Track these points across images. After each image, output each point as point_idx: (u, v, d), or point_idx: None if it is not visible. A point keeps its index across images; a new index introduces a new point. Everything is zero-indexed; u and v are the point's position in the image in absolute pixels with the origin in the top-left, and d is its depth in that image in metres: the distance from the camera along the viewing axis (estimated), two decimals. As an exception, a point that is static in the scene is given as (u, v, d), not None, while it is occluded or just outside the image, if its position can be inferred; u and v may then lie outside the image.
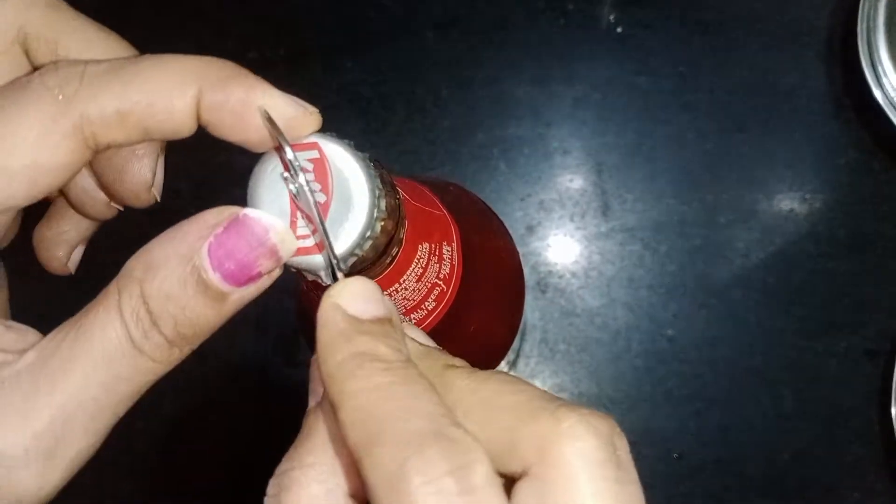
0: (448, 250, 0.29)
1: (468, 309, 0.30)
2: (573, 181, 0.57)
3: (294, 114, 0.22)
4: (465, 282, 0.30)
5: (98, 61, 0.21)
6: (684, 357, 0.56)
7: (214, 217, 0.21)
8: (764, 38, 0.58)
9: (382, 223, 0.22)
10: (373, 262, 0.24)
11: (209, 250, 0.20)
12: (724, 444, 0.56)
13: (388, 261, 0.25)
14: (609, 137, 0.57)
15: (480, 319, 0.32)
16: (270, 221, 0.21)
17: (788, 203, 0.57)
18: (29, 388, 0.19)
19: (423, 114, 0.58)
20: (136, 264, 0.20)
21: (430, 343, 0.23)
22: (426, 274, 0.27)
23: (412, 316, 0.28)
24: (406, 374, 0.19)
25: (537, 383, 0.55)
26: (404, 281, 0.26)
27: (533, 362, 0.56)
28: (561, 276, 0.57)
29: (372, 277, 0.25)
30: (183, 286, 0.20)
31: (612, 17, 0.58)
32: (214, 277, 0.20)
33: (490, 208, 0.38)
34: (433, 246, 0.28)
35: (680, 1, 0.58)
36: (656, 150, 0.57)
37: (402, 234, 0.25)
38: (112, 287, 0.20)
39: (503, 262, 0.35)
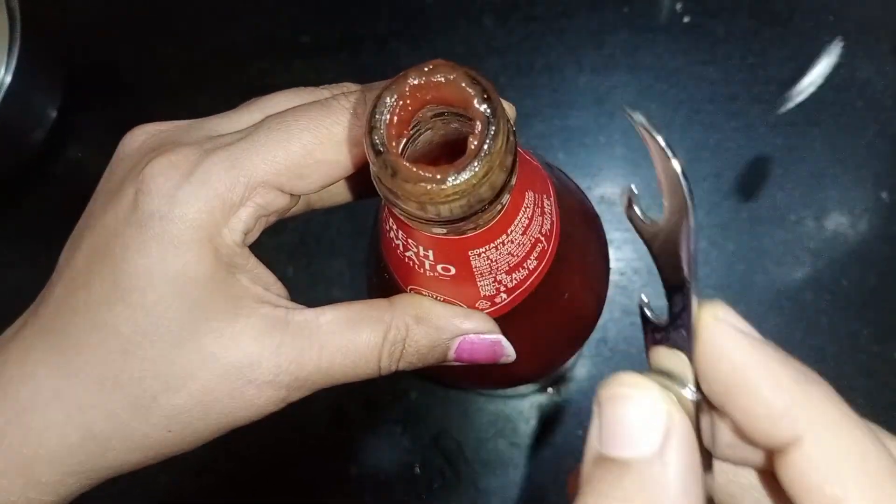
0: (548, 204, 0.26)
1: (565, 272, 0.28)
2: (636, 175, 0.55)
3: None
4: (562, 241, 0.27)
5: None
6: (752, 361, 0.53)
7: (483, 325, 0.27)
8: (836, 31, 0.55)
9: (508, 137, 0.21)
10: (489, 202, 0.21)
11: (461, 343, 0.27)
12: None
13: (499, 207, 0.23)
14: (675, 130, 0.55)
15: (575, 286, 0.29)
16: (511, 351, 0.28)
17: (863, 202, 0.54)
18: (306, 342, 0.26)
19: (479, 103, 0.56)
20: (411, 310, 0.27)
21: None
22: (531, 227, 0.25)
23: (514, 276, 0.26)
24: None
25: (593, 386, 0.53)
26: (511, 232, 0.24)
27: (590, 363, 0.54)
28: (622, 274, 0.54)
29: (482, 226, 0.23)
30: (431, 350, 0.27)
31: (678, 7, 0.56)
32: (451, 357, 0.28)
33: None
34: (537, 196, 0.25)
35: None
36: (725, 144, 0.55)
37: (514, 180, 0.23)
38: (386, 312, 0.27)
39: (592, 225, 0.32)
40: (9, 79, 0.52)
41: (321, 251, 0.55)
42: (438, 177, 0.19)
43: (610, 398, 0.18)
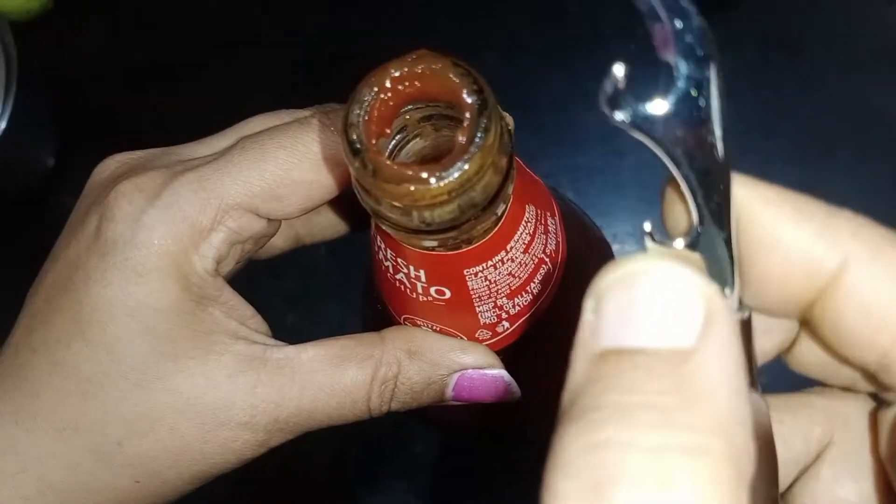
0: (553, 223, 0.24)
1: (573, 299, 0.26)
2: (649, 213, 0.53)
3: None
4: (570, 265, 0.25)
5: None
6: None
7: (484, 359, 0.25)
8: (851, 58, 0.54)
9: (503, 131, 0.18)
10: (482, 209, 0.19)
11: (460, 379, 0.25)
12: None
13: (493, 217, 0.20)
14: (687, 165, 0.53)
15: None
16: (516, 388, 0.26)
17: (888, 235, 0.52)
18: (285, 381, 0.23)
19: (484, 142, 0.55)
20: (403, 344, 0.24)
21: None
22: (533, 244, 0.23)
23: (516, 301, 0.23)
24: None
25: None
26: (511, 249, 0.22)
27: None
28: (638, 315, 0.51)
29: (477, 239, 0.21)
30: (426, 388, 0.25)
31: (686, 41, 0.55)
32: (449, 396, 0.25)
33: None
34: (539, 212, 0.23)
35: (758, 22, 0.55)
36: (739, 179, 0.53)
37: (511, 188, 0.21)
38: (376, 348, 0.24)
39: (603, 252, 0.30)
40: (3, 125, 0.51)
41: (324, 296, 0.53)
42: (423, 175, 0.17)
43: (619, 282, 0.13)
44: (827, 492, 0.18)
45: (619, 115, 0.13)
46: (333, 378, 0.24)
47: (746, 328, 0.16)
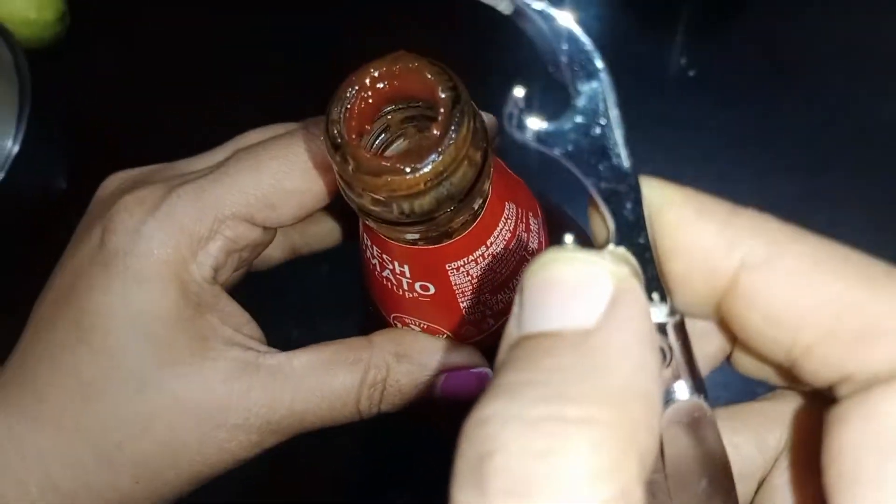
0: (535, 223, 0.25)
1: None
2: (648, 227, 0.53)
3: None
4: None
5: None
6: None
7: (469, 358, 0.26)
8: (850, 70, 0.54)
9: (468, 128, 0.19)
10: (459, 201, 0.20)
11: (446, 378, 0.26)
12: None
13: (471, 210, 0.21)
14: (688, 179, 0.53)
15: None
16: None
17: (890, 250, 0.52)
18: (278, 386, 0.24)
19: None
20: (391, 347, 0.25)
21: None
22: (514, 242, 0.23)
23: (499, 297, 0.24)
24: None
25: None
26: (492, 245, 0.23)
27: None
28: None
29: (457, 232, 0.21)
30: (414, 387, 0.26)
31: (683, 61, 0.56)
32: (439, 394, 0.26)
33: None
34: (520, 211, 0.24)
35: (757, 34, 0.55)
36: (739, 193, 0.52)
37: (487, 185, 0.21)
38: (364, 351, 0.25)
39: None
40: (16, 149, 0.52)
41: (327, 312, 0.54)
42: (399, 165, 0.18)
43: (535, 272, 0.14)
44: (781, 499, 0.18)
45: (524, 135, 0.15)
46: (324, 382, 0.25)
47: (681, 331, 0.16)
